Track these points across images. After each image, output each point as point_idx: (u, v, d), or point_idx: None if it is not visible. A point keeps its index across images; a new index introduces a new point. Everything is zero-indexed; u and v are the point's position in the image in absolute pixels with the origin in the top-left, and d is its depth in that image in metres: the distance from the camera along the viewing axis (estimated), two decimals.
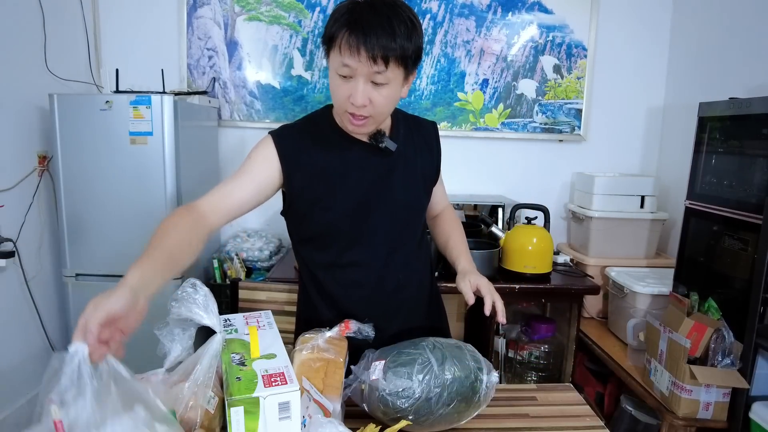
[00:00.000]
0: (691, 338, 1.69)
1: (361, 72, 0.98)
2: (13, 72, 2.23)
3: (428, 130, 1.28)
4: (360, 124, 1.06)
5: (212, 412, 0.88)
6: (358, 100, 1.00)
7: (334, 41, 0.99)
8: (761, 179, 1.77)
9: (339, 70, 1.00)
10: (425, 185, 1.25)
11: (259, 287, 1.76)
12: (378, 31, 0.96)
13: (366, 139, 1.14)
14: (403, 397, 0.97)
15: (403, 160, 1.19)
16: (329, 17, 1.03)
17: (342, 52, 0.98)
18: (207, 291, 0.95)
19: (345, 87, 1.01)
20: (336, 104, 1.08)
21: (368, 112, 1.03)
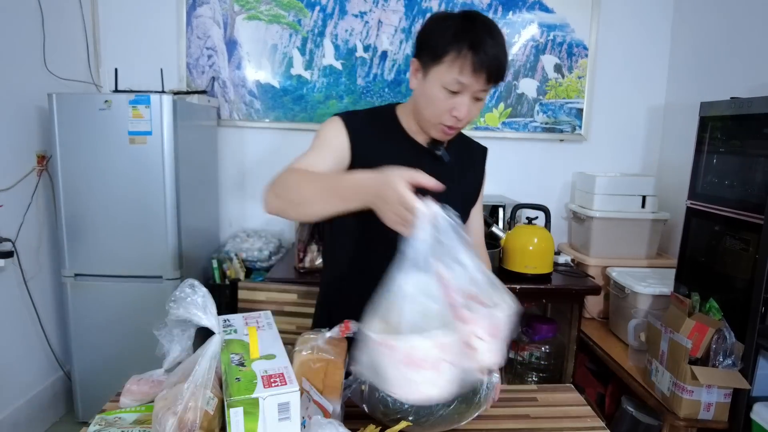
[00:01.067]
0: (693, 339, 1.69)
1: (472, 89, 1.04)
2: (12, 71, 2.23)
3: (477, 153, 1.31)
4: (452, 133, 1.12)
5: (211, 413, 0.88)
6: (463, 114, 1.06)
7: (448, 56, 1.03)
8: (762, 179, 1.76)
9: (450, 86, 1.04)
10: (463, 205, 1.27)
11: (259, 287, 1.76)
12: (498, 55, 1.03)
13: (424, 142, 1.18)
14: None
15: (450, 174, 1.21)
16: (432, 28, 1.07)
17: (462, 71, 1.02)
18: (205, 292, 0.94)
19: (449, 101, 1.06)
20: (431, 115, 1.10)
21: (462, 124, 1.10)
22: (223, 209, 2.96)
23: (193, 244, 2.50)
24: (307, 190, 0.94)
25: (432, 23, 1.09)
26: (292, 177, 0.98)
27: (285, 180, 0.98)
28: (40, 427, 2.41)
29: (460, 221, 0.83)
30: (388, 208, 0.81)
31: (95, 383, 2.39)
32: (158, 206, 2.29)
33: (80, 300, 2.36)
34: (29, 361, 2.38)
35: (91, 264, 2.34)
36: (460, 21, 1.05)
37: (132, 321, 2.32)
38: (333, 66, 2.81)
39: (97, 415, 1.00)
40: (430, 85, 1.08)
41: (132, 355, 2.13)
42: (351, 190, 0.88)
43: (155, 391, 0.98)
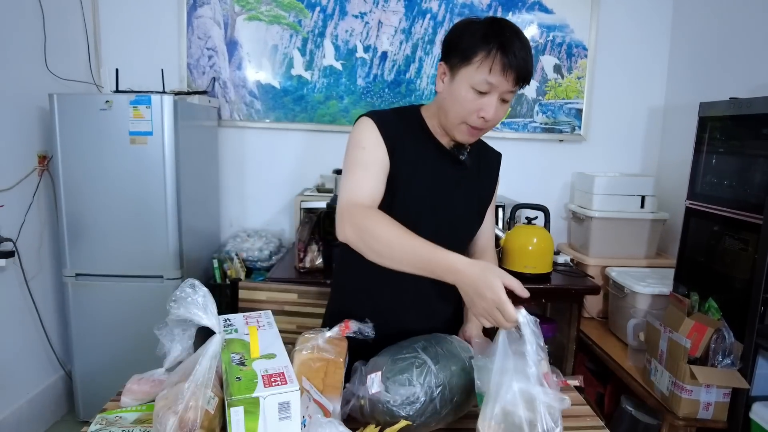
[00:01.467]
0: (692, 338, 1.69)
1: (500, 89, 1.06)
2: (13, 72, 2.23)
3: (493, 158, 1.33)
4: (477, 134, 1.13)
5: (212, 413, 0.88)
6: (490, 115, 1.07)
7: (477, 57, 1.04)
8: (762, 179, 1.77)
9: (479, 86, 1.06)
10: (480, 209, 1.30)
11: (259, 287, 1.77)
12: (525, 57, 1.05)
13: (447, 145, 1.20)
14: (408, 404, 0.96)
15: (469, 177, 1.24)
16: (462, 30, 1.09)
17: (491, 71, 1.04)
18: (206, 291, 0.95)
19: (477, 102, 1.07)
20: (457, 115, 1.10)
21: (489, 126, 1.11)
22: (223, 209, 2.96)
23: (193, 244, 2.50)
24: (397, 252, 0.99)
25: (460, 26, 1.10)
26: (382, 229, 1.01)
27: (373, 229, 1.01)
28: (41, 426, 2.41)
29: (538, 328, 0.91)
30: (481, 303, 0.91)
31: (96, 383, 2.39)
32: (159, 206, 2.30)
33: (81, 300, 2.36)
34: (30, 360, 2.38)
35: (92, 264, 2.34)
36: (489, 24, 1.07)
37: (133, 320, 2.33)
38: (333, 66, 2.82)
39: (98, 415, 1.00)
40: (458, 86, 1.08)
41: (133, 354, 2.14)
42: (446, 271, 0.95)
43: (156, 391, 0.99)
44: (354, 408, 0.99)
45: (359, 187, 1.09)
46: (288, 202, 2.92)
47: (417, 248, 0.98)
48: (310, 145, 2.90)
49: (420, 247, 0.98)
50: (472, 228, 1.31)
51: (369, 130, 1.14)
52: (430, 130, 1.21)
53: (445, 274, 0.95)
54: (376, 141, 1.13)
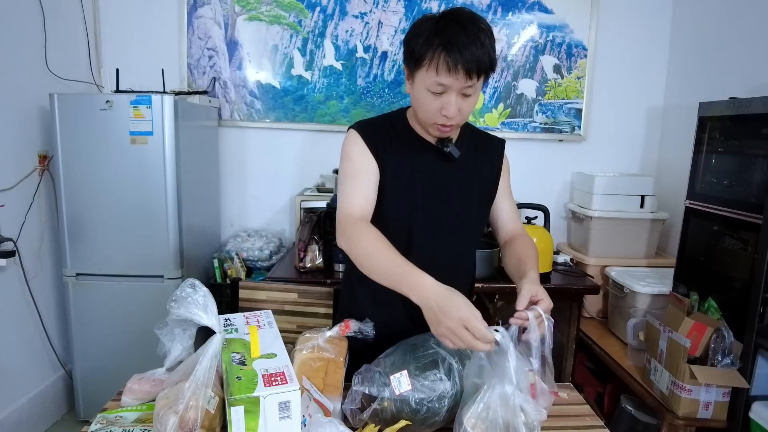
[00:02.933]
0: (691, 338, 1.69)
1: (455, 87, 1.06)
2: (13, 72, 2.23)
3: (494, 146, 1.32)
4: (448, 130, 1.15)
5: (212, 412, 0.88)
6: (452, 113, 1.08)
7: (425, 61, 1.06)
8: (761, 179, 1.77)
9: (432, 88, 1.08)
10: (480, 199, 1.30)
11: (260, 287, 1.77)
12: (472, 49, 1.03)
13: (433, 141, 1.21)
14: (438, 399, 0.98)
15: (464, 169, 1.25)
16: (412, 34, 1.10)
17: (439, 73, 1.05)
18: (206, 291, 0.95)
19: (437, 102, 1.09)
20: (424, 116, 1.14)
21: (456, 121, 1.12)
22: (224, 209, 2.96)
23: (194, 244, 2.50)
24: (375, 266, 1.06)
25: (412, 28, 1.12)
26: (364, 243, 1.08)
27: (358, 242, 1.09)
28: (42, 425, 2.42)
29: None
30: (446, 321, 0.91)
31: (96, 382, 2.39)
32: (159, 206, 2.30)
33: (82, 299, 2.37)
34: (31, 360, 2.38)
35: (92, 263, 2.35)
36: (434, 23, 1.07)
37: (133, 320, 2.33)
38: (333, 66, 2.82)
39: (98, 414, 1.01)
40: (417, 89, 1.12)
41: (133, 354, 2.14)
42: (413, 288, 0.98)
43: (156, 390, 0.99)
44: (375, 411, 0.98)
45: (350, 199, 1.16)
46: (288, 202, 2.93)
47: (390, 264, 1.03)
48: (311, 145, 2.90)
49: (393, 263, 1.03)
50: (475, 218, 1.30)
51: (354, 140, 1.20)
52: (414, 130, 1.23)
53: (411, 292, 0.98)
54: (361, 149, 1.18)
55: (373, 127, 1.23)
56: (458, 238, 1.27)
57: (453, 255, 1.27)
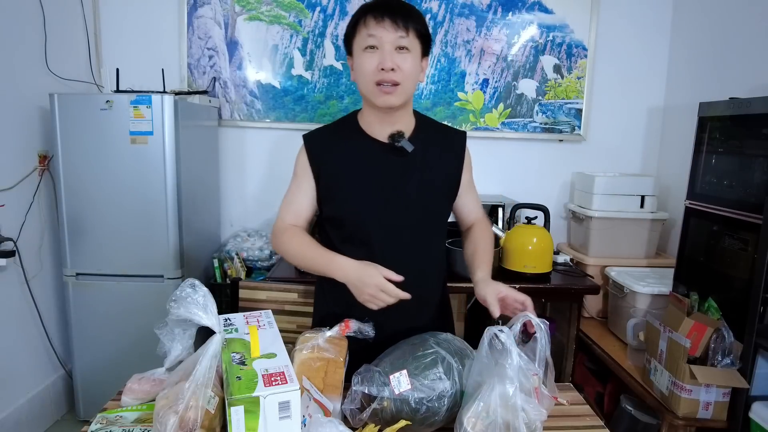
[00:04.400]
0: (691, 338, 1.69)
1: (387, 39, 1.13)
2: (13, 71, 2.23)
3: (455, 138, 1.33)
4: (390, 91, 1.15)
5: (212, 412, 0.88)
6: (387, 62, 1.12)
7: (358, 23, 1.16)
8: (761, 179, 1.77)
9: (366, 42, 1.14)
10: (445, 191, 1.30)
11: (260, 287, 1.77)
12: (397, 6, 1.14)
13: (385, 139, 1.22)
14: (438, 399, 0.98)
15: (421, 163, 1.24)
16: (349, 22, 1.20)
17: (368, 25, 1.14)
18: (206, 291, 0.95)
19: (373, 57, 1.14)
20: (366, 80, 1.16)
21: (398, 78, 1.14)
22: (224, 209, 2.96)
23: (194, 244, 2.50)
24: (304, 263, 1.23)
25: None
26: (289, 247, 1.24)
27: (284, 248, 1.26)
28: (42, 425, 2.42)
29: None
30: (366, 289, 1.10)
31: (96, 382, 2.40)
32: (159, 206, 2.30)
33: (81, 299, 2.37)
34: (31, 360, 2.38)
35: (92, 263, 2.35)
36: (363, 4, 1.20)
37: (133, 320, 2.33)
38: (333, 66, 2.82)
39: (98, 414, 1.01)
40: (357, 58, 1.18)
41: (133, 354, 2.14)
42: (337, 271, 1.16)
43: (156, 390, 0.99)
44: (375, 411, 0.98)
45: (283, 212, 1.30)
46: None
47: (315, 256, 1.20)
48: None
49: (316, 254, 1.19)
50: (437, 211, 1.30)
51: (300, 155, 1.28)
52: (365, 129, 1.25)
53: (335, 274, 1.16)
54: (302, 162, 1.26)
55: (319, 136, 1.28)
56: (421, 231, 1.26)
57: (418, 248, 1.26)
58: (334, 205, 1.25)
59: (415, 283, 1.25)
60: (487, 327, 0.98)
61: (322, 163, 1.24)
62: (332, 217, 1.26)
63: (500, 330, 0.94)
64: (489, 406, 0.91)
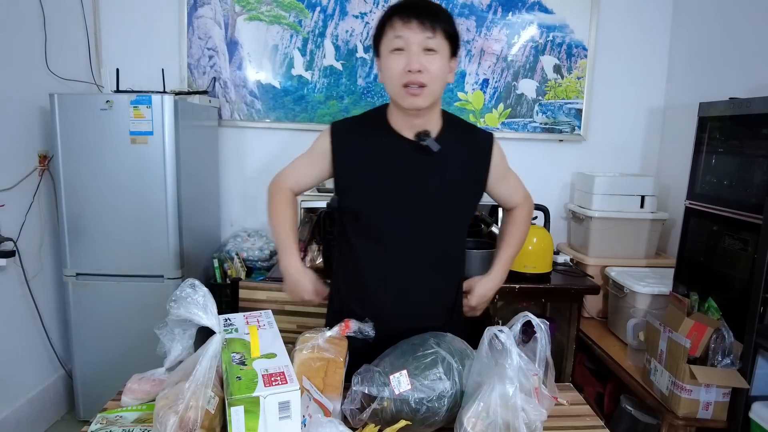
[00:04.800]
0: (691, 338, 1.69)
1: (414, 40, 1.12)
2: (13, 71, 2.23)
3: (482, 139, 1.32)
4: (417, 93, 1.14)
5: (212, 412, 0.88)
6: (414, 64, 1.11)
7: (386, 25, 1.15)
8: (761, 179, 1.77)
9: (393, 44, 1.13)
10: (467, 193, 1.29)
11: (260, 287, 1.77)
12: (424, 7, 1.14)
13: (411, 137, 1.22)
14: (438, 399, 0.98)
15: (446, 162, 1.24)
16: (377, 23, 1.19)
17: (394, 27, 1.13)
18: (206, 291, 0.95)
19: (399, 60, 1.13)
20: (393, 82, 1.16)
21: (425, 80, 1.13)
22: (224, 209, 2.96)
23: (194, 244, 2.50)
24: (271, 230, 1.34)
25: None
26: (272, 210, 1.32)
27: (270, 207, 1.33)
28: (42, 425, 2.42)
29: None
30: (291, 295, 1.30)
31: (96, 382, 2.40)
32: (159, 206, 2.30)
33: (82, 299, 2.37)
34: (31, 360, 2.38)
35: (92, 263, 2.35)
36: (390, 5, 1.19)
37: (133, 320, 2.33)
38: (333, 66, 2.82)
39: (98, 414, 1.01)
40: (384, 59, 1.17)
41: (133, 354, 2.14)
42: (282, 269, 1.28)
43: (156, 390, 0.99)
44: (375, 411, 0.98)
45: (290, 172, 1.34)
46: None
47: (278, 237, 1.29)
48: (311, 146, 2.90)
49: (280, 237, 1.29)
50: (457, 212, 1.29)
51: (324, 137, 1.28)
52: (392, 126, 1.24)
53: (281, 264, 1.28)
54: (323, 150, 1.27)
55: (347, 127, 1.29)
56: (438, 233, 1.26)
57: (433, 249, 1.26)
58: (353, 197, 1.25)
59: (428, 284, 1.26)
60: (487, 327, 0.98)
61: (345, 153, 1.25)
62: (350, 209, 1.26)
63: (500, 330, 0.94)
64: (489, 406, 0.91)
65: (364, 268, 1.27)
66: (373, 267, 1.26)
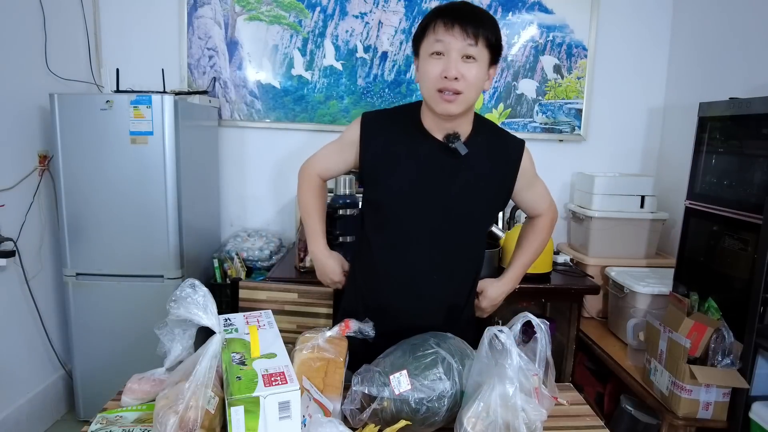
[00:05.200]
0: (691, 338, 1.69)
1: (454, 47, 1.11)
2: (13, 71, 2.23)
3: (512, 146, 1.32)
4: (452, 99, 1.14)
5: (212, 412, 0.88)
6: (452, 71, 1.10)
7: (428, 27, 1.14)
8: (761, 179, 1.77)
9: (433, 47, 1.13)
10: (490, 198, 1.28)
11: (260, 287, 1.77)
12: (468, 13, 1.13)
13: (441, 137, 1.22)
14: (438, 399, 0.98)
15: (472, 167, 1.23)
16: (420, 23, 1.18)
17: (436, 31, 1.12)
18: (206, 291, 0.95)
19: (438, 64, 1.13)
20: (428, 86, 1.15)
21: (460, 87, 1.12)
22: (224, 209, 2.96)
23: (194, 244, 2.50)
24: (301, 216, 1.40)
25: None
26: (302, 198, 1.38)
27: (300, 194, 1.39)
28: (42, 425, 2.42)
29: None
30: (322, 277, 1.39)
31: (96, 382, 2.39)
32: (159, 206, 2.30)
33: (81, 299, 2.37)
34: (31, 359, 2.38)
35: (92, 263, 2.35)
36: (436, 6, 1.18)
37: (133, 320, 2.33)
38: (333, 66, 2.82)
39: (98, 414, 1.01)
40: (422, 61, 1.17)
41: (133, 354, 2.14)
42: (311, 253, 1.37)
43: (156, 390, 0.99)
44: (375, 411, 0.98)
45: (319, 159, 1.38)
46: (288, 202, 2.93)
47: (307, 224, 1.36)
48: (311, 145, 2.88)
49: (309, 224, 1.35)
50: (477, 217, 1.29)
51: (354, 127, 1.29)
52: (424, 125, 1.24)
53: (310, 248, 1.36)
54: (352, 140, 1.28)
55: (378, 120, 1.29)
56: (456, 235, 1.26)
57: (449, 251, 1.26)
58: (377, 190, 1.26)
59: (441, 286, 1.26)
60: (487, 327, 0.98)
61: (372, 146, 1.26)
62: (372, 201, 1.28)
63: (500, 330, 0.94)
64: (489, 406, 0.91)
65: (377, 260, 1.27)
66: (386, 260, 1.26)
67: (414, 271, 1.25)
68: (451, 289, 1.30)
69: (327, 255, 1.33)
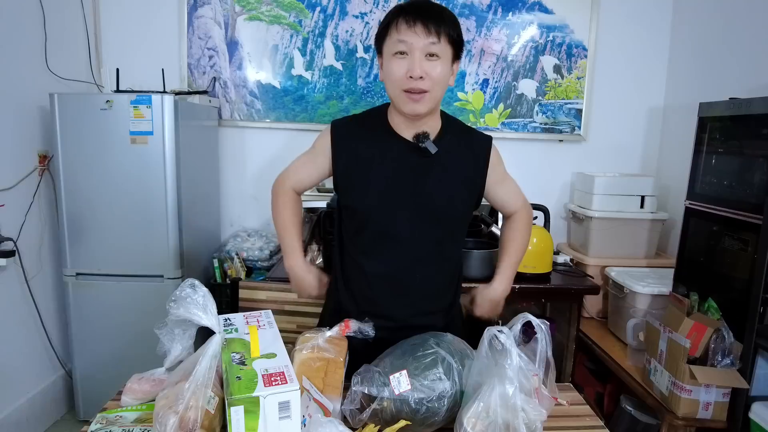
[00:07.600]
0: (691, 338, 1.69)
1: (417, 45, 1.11)
2: (13, 71, 2.23)
3: (480, 142, 1.31)
4: (418, 98, 1.14)
5: (212, 412, 0.88)
6: (416, 71, 1.10)
7: (390, 26, 1.14)
8: (761, 179, 1.77)
9: (396, 47, 1.13)
10: (465, 195, 1.28)
11: (260, 287, 1.77)
12: (429, 11, 1.13)
13: (410, 137, 1.22)
14: (438, 399, 0.98)
15: (443, 164, 1.24)
16: (382, 22, 1.18)
17: (399, 30, 1.12)
18: (206, 291, 0.95)
19: (402, 64, 1.13)
20: (393, 86, 1.16)
21: (426, 86, 1.13)
22: (224, 209, 2.96)
23: (194, 244, 2.50)
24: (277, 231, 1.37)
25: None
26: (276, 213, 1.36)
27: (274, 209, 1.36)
28: (42, 425, 2.42)
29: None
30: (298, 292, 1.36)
31: (96, 382, 2.39)
32: (159, 206, 2.30)
33: (81, 299, 2.37)
34: (31, 359, 2.38)
35: (92, 263, 2.35)
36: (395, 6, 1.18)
37: (133, 320, 2.33)
38: (333, 66, 2.82)
39: (98, 414, 1.01)
40: (386, 61, 1.17)
41: (133, 353, 2.14)
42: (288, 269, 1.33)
43: (156, 390, 0.99)
44: (375, 412, 0.98)
45: (292, 173, 1.36)
46: None
47: (283, 239, 1.34)
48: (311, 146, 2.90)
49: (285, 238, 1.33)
50: (455, 214, 1.28)
51: (325, 136, 1.29)
52: (392, 126, 1.24)
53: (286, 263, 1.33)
54: (323, 148, 1.28)
55: (347, 126, 1.29)
56: (434, 234, 1.26)
57: (428, 250, 1.26)
58: (351, 196, 1.25)
59: (423, 284, 1.26)
60: (487, 327, 0.98)
61: (344, 152, 1.25)
62: (348, 207, 1.27)
63: (500, 330, 0.94)
64: (489, 406, 0.91)
65: (360, 265, 1.27)
66: (369, 265, 1.26)
67: (396, 273, 1.25)
68: (435, 288, 1.30)
69: (306, 270, 1.31)
